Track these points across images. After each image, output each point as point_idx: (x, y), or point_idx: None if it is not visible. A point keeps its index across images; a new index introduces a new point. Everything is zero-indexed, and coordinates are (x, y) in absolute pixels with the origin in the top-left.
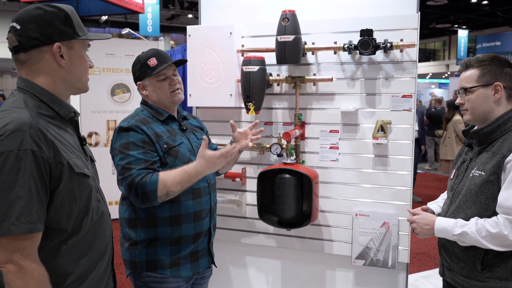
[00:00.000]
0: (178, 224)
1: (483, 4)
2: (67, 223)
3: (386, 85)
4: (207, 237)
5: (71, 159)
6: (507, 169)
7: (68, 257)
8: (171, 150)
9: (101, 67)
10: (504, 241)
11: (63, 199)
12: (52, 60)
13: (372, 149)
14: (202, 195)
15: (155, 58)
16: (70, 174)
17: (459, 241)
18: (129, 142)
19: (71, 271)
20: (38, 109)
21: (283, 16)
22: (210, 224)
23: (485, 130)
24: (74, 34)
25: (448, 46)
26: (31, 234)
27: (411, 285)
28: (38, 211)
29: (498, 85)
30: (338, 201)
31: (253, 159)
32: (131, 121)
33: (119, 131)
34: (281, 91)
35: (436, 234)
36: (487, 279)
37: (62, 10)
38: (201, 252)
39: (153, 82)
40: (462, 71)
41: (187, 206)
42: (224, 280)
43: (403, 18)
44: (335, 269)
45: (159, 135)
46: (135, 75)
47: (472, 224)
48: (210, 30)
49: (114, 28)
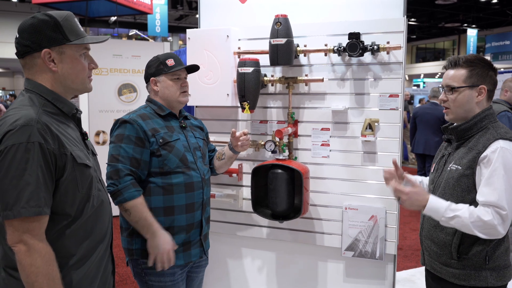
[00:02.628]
0: (171, 214)
1: (493, 3)
2: (71, 209)
3: (374, 85)
4: (199, 228)
5: (74, 151)
6: (483, 164)
7: (72, 240)
8: (166, 145)
9: (109, 68)
10: (491, 230)
11: (67, 187)
12: (43, 64)
13: (361, 146)
14: (195, 189)
15: (173, 59)
16: (73, 165)
17: (445, 223)
18: (124, 135)
19: (74, 252)
20: (44, 107)
21: (276, 20)
22: (202, 216)
23: (463, 126)
24: (64, 40)
25: (458, 45)
26: (39, 216)
27: (406, 280)
28: (45, 196)
29: (482, 88)
30: (329, 196)
31: (249, 156)
32: (132, 116)
33: (119, 123)
34: (275, 91)
35: (424, 212)
36: (462, 267)
37: (53, 18)
38: (193, 243)
39: (167, 80)
40: (449, 69)
41: (180, 198)
42: (221, 271)
43: (390, 22)
44: (326, 261)
45: (156, 130)
46: (150, 71)
47: (465, 210)
48: (208, 33)
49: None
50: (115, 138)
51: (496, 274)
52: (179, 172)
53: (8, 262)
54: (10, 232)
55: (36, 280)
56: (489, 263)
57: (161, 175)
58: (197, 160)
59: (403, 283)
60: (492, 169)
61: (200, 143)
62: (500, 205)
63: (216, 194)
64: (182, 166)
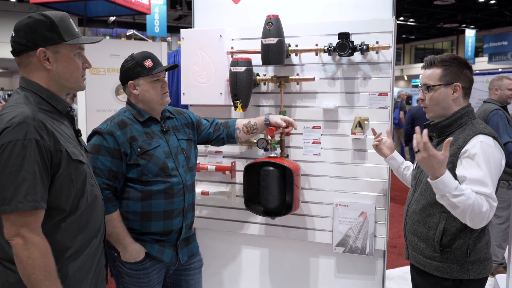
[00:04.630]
0: (148, 220)
1: (491, 4)
2: (66, 204)
3: (364, 84)
4: (177, 234)
5: (69, 148)
6: (464, 158)
7: (67, 234)
8: (145, 154)
9: (106, 68)
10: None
11: (62, 183)
12: (38, 63)
13: (351, 144)
14: (175, 196)
15: (150, 60)
16: (68, 161)
17: (445, 199)
18: (102, 146)
19: (69, 246)
20: (39, 105)
21: (268, 21)
22: (182, 223)
23: (444, 123)
24: (59, 39)
25: (456, 45)
26: (36, 211)
27: (399, 277)
28: (42, 191)
29: (457, 85)
30: (320, 193)
31: (242, 154)
32: (110, 124)
33: (96, 133)
34: (268, 90)
35: (434, 181)
36: (445, 260)
37: (49, 18)
38: (167, 245)
39: (147, 83)
40: (426, 69)
41: (159, 204)
42: (214, 267)
43: (379, 22)
44: (317, 256)
45: (134, 138)
46: (127, 74)
47: (470, 192)
48: (202, 33)
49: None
50: (92, 149)
51: (477, 267)
52: (159, 182)
53: (4, 255)
54: (8, 226)
55: (33, 272)
56: (471, 256)
57: (140, 183)
58: (178, 166)
59: (396, 280)
60: (477, 163)
61: (183, 145)
62: (493, 197)
63: (210, 192)
64: (162, 174)
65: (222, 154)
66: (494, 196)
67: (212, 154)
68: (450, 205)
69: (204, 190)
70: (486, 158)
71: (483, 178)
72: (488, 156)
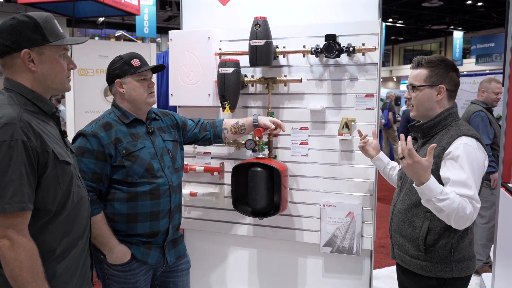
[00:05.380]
0: (134, 221)
1: (478, 6)
2: (52, 205)
3: (351, 85)
4: (164, 235)
5: (55, 149)
6: (448, 160)
7: (53, 235)
8: (130, 156)
9: (95, 69)
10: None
11: (49, 184)
12: (23, 64)
13: (338, 145)
14: (161, 197)
15: (138, 59)
16: (55, 162)
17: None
18: (85, 148)
19: (55, 247)
20: (25, 106)
21: (255, 22)
22: (169, 224)
23: (428, 124)
24: (44, 41)
25: (444, 47)
26: (23, 212)
27: (387, 276)
28: (29, 192)
29: (441, 87)
30: (307, 193)
31: (230, 155)
32: (94, 126)
33: (80, 135)
34: (255, 91)
35: (420, 187)
36: (429, 259)
37: (33, 19)
38: (154, 247)
39: (134, 81)
40: (413, 68)
41: (145, 206)
42: (203, 268)
43: (365, 24)
44: (305, 256)
45: (119, 140)
46: (115, 73)
47: (455, 196)
48: (190, 35)
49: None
50: (76, 151)
51: (460, 265)
52: (144, 183)
53: None
54: None
55: (20, 274)
56: (454, 255)
57: (126, 184)
58: (164, 167)
59: (384, 280)
60: (460, 165)
61: (169, 146)
62: (476, 198)
63: (199, 193)
64: (148, 176)
65: (211, 155)
66: (477, 198)
67: (200, 155)
68: (435, 209)
69: (193, 191)
70: (469, 160)
71: (466, 180)
72: (471, 158)
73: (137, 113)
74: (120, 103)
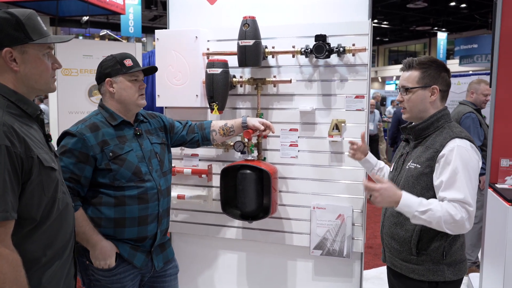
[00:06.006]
0: (122, 226)
1: (462, 7)
2: (37, 213)
3: (341, 86)
4: (152, 240)
5: (40, 154)
6: (441, 163)
7: (38, 244)
8: (117, 159)
9: (79, 68)
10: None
11: (33, 191)
12: (4, 64)
13: (328, 146)
14: (149, 201)
15: (130, 59)
16: (39, 168)
17: (416, 218)
18: (67, 148)
19: (40, 256)
20: (8, 108)
21: (244, 22)
22: (157, 229)
23: (420, 126)
24: (26, 39)
25: (428, 48)
26: (5, 221)
27: (375, 277)
28: (12, 200)
29: (435, 88)
30: (297, 195)
31: (219, 156)
32: (80, 127)
33: (65, 134)
34: (244, 92)
35: (398, 208)
36: (421, 262)
37: (15, 16)
38: (141, 249)
39: (125, 81)
40: (404, 71)
41: (133, 210)
42: (191, 272)
43: (355, 25)
44: (295, 260)
45: (106, 142)
46: (106, 71)
47: (437, 204)
48: (177, 34)
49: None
50: (59, 149)
51: (452, 269)
52: (132, 187)
53: None
54: None
55: (3, 287)
56: (446, 258)
57: (113, 188)
58: (152, 171)
59: (372, 281)
60: (453, 168)
61: (156, 149)
62: (468, 202)
63: (186, 195)
64: (136, 179)
65: (198, 157)
66: (470, 201)
67: (188, 157)
68: (424, 222)
69: (180, 194)
70: (463, 163)
71: (458, 184)
72: (465, 161)
73: (126, 114)
74: (109, 103)
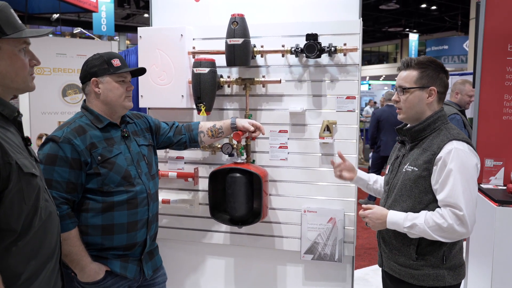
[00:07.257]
0: (110, 233)
1: (432, 10)
2: (17, 223)
3: (331, 87)
4: (141, 247)
5: (19, 159)
6: (439, 165)
7: (19, 258)
8: (106, 162)
9: (52, 67)
10: (450, 233)
11: (12, 200)
12: None
13: (319, 148)
14: (138, 206)
15: (118, 59)
16: (19, 175)
17: (409, 233)
18: (58, 156)
19: (21, 271)
20: None
21: (232, 20)
22: (147, 235)
23: (417, 127)
24: (0, 33)
25: (400, 49)
26: None
27: (360, 278)
28: None
29: (433, 89)
30: (287, 199)
31: (206, 159)
32: (66, 131)
33: (51, 141)
34: (232, 93)
35: (388, 226)
36: (421, 267)
37: None
38: (131, 259)
39: (112, 82)
40: (402, 70)
41: (122, 216)
42: (178, 280)
43: (346, 24)
44: (285, 265)
45: (94, 145)
46: (92, 70)
47: (422, 217)
48: (161, 32)
49: (67, 26)
50: (47, 159)
51: (452, 273)
52: (121, 191)
53: None
54: None
55: None
56: (446, 263)
57: (101, 193)
58: (141, 174)
59: (358, 282)
60: (448, 170)
61: (144, 151)
62: (457, 206)
63: (171, 200)
64: (125, 184)
65: (184, 160)
66: (460, 205)
67: (173, 160)
68: (418, 235)
69: (165, 198)
70: (460, 166)
71: (451, 187)
72: (461, 163)
73: (111, 116)
74: (93, 104)
